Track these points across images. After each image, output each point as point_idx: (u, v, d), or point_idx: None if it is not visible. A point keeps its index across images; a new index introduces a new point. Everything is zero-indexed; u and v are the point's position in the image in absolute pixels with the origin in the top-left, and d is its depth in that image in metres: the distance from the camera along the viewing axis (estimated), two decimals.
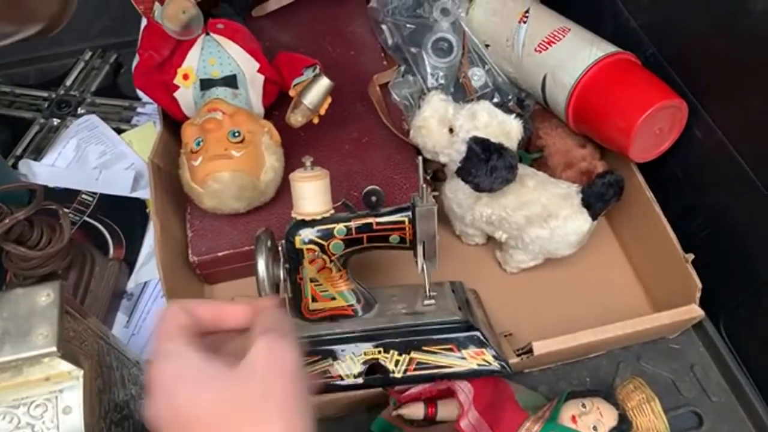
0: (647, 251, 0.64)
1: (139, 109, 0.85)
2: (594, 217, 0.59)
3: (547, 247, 0.61)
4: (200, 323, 0.36)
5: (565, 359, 0.61)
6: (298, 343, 0.35)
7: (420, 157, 0.65)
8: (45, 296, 0.40)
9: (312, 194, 0.49)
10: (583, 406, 0.50)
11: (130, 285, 0.68)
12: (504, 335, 0.59)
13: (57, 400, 0.40)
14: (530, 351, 0.54)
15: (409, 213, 0.52)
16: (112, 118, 0.84)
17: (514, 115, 0.58)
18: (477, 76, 0.73)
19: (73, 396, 0.40)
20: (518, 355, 0.55)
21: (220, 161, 0.58)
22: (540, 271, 0.65)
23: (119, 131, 0.82)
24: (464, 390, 0.51)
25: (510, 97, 0.73)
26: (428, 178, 0.68)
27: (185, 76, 0.63)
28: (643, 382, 0.54)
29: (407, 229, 0.52)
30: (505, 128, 0.57)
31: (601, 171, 0.64)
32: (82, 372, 0.41)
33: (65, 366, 0.40)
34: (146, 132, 0.82)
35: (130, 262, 0.69)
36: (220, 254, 0.62)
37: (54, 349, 0.38)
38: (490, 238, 0.67)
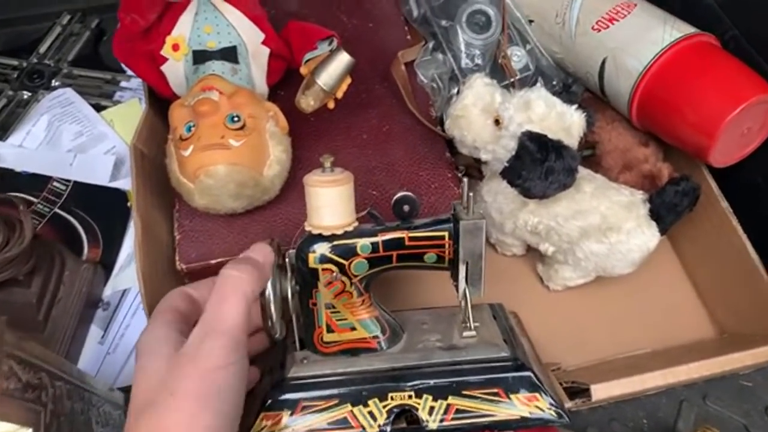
0: (715, 270, 0.55)
1: (123, 83, 0.74)
2: (663, 231, 0.50)
3: (603, 265, 0.51)
4: (197, 308, 0.40)
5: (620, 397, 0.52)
6: (232, 344, 0.35)
7: (448, 154, 0.57)
8: None
9: (332, 203, 0.39)
10: None
11: (107, 292, 0.58)
12: (551, 369, 0.49)
13: None
14: (587, 394, 0.45)
15: (451, 226, 0.42)
16: (91, 92, 0.73)
17: (575, 107, 0.47)
18: (517, 57, 0.63)
19: None
20: (571, 396, 0.46)
21: (215, 152, 0.47)
22: (587, 289, 0.56)
23: (99, 108, 0.71)
24: None
25: (555, 82, 0.63)
26: (459, 175, 0.58)
27: (175, 47, 0.52)
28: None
29: (447, 246, 0.42)
30: (564, 122, 0.47)
31: (669, 176, 0.54)
32: None
33: (4, 428, 0.30)
34: (131, 110, 0.71)
35: (107, 264, 0.59)
36: (213, 262, 0.52)
37: None
38: (530, 248, 0.58)
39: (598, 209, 0.49)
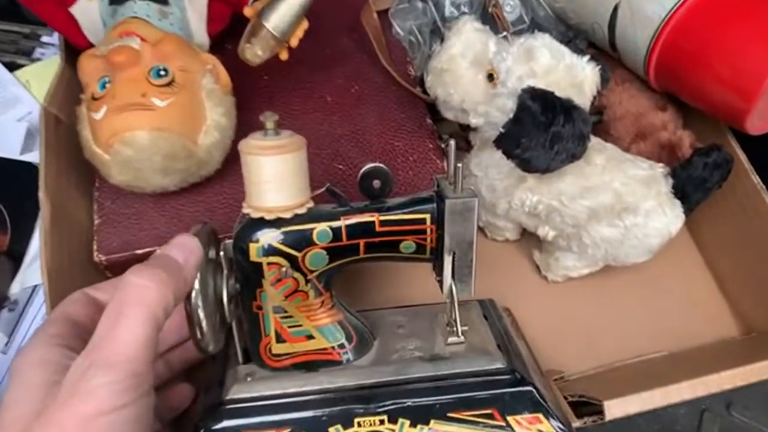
0: (741, 257, 0.47)
1: (44, 38, 0.63)
2: (688, 212, 0.41)
3: (615, 253, 0.43)
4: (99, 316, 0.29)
5: None
6: (126, 380, 0.26)
7: (429, 120, 0.48)
8: None
9: (277, 177, 0.30)
10: None
11: (14, 289, 0.47)
12: (554, 379, 0.41)
13: None
14: (598, 410, 0.37)
15: (434, 207, 0.33)
16: (5, 48, 0.61)
17: (587, 58, 0.38)
18: (510, 7, 0.53)
19: None
20: (577, 412, 0.38)
21: (135, 114, 0.37)
22: (590, 281, 0.48)
23: (14, 67, 0.60)
24: None
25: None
26: (443, 147, 0.48)
27: None
28: None
29: (429, 232, 0.33)
30: (575, 76, 0.38)
31: (690, 145, 0.45)
32: None
33: None
34: (52, 69, 0.58)
35: (15, 255, 0.49)
36: (139, 252, 0.42)
37: None
38: (525, 232, 0.49)
39: (611, 186, 0.41)
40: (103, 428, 0.25)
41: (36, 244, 0.49)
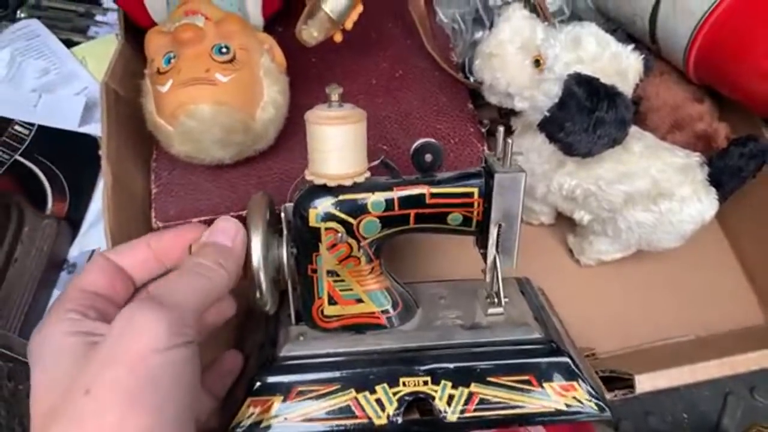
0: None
1: (98, 17, 0.66)
2: (723, 200, 0.43)
3: (649, 237, 0.44)
4: (122, 282, 0.32)
5: None
6: (177, 322, 0.27)
7: (471, 105, 0.50)
8: None
9: (340, 146, 0.32)
10: None
11: (73, 253, 0.50)
12: (585, 355, 0.43)
13: None
14: (628, 384, 0.39)
15: (482, 182, 0.35)
16: (61, 26, 0.64)
17: (632, 47, 0.40)
18: None
19: None
20: (607, 387, 0.39)
21: (199, 88, 0.40)
22: (621, 266, 0.49)
23: (70, 44, 0.63)
24: None
25: None
26: (483, 131, 0.50)
27: None
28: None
29: (476, 205, 0.35)
30: (620, 64, 0.39)
31: (726, 137, 0.46)
32: None
33: None
34: (106, 47, 0.62)
35: (74, 221, 0.52)
36: (194, 220, 0.44)
37: None
38: (559, 216, 0.51)
39: (648, 172, 0.42)
40: (154, 365, 0.25)
41: (93, 210, 0.52)
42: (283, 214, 0.35)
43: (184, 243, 0.33)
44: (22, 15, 0.64)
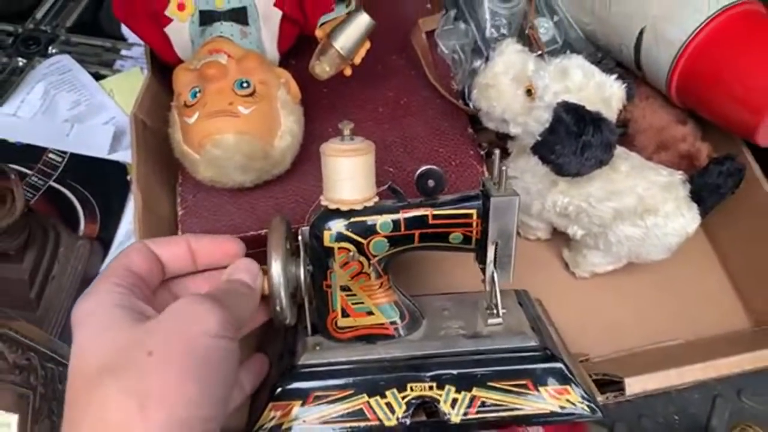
0: (752, 257, 0.52)
1: (124, 52, 0.70)
2: (704, 214, 0.46)
3: (637, 250, 0.48)
4: (158, 269, 0.35)
5: None
6: (230, 318, 0.31)
7: (470, 130, 0.54)
8: None
9: (352, 175, 0.36)
10: None
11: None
12: (579, 360, 0.46)
13: None
14: (619, 387, 0.42)
15: (480, 203, 0.38)
16: (90, 60, 0.69)
17: (615, 76, 0.44)
18: (543, 29, 0.59)
19: None
20: (600, 390, 0.43)
21: (223, 119, 0.44)
22: (614, 277, 0.52)
23: (98, 77, 0.67)
24: None
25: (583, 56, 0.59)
26: (482, 153, 0.54)
27: (180, 6, 0.49)
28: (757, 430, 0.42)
29: (475, 225, 0.39)
30: (604, 93, 0.43)
31: (708, 156, 0.50)
32: (15, 418, 0.28)
33: None
34: (132, 79, 0.67)
35: (104, 241, 0.56)
36: None
37: None
38: (555, 232, 0.54)
39: (635, 190, 0.46)
40: (208, 346, 0.29)
41: (122, 231, 0.56)
42: (300, 237, 0.38)
43: (218, 249, 0.37)
44: (54, 51, 0.69)
